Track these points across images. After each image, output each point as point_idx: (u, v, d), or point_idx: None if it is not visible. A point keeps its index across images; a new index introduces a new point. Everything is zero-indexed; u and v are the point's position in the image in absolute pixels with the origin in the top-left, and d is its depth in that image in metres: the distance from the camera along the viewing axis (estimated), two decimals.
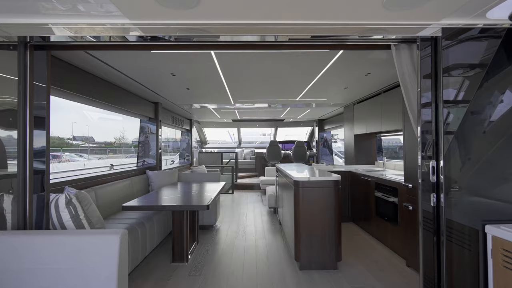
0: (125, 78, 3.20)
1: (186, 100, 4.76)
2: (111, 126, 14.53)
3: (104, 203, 3.01)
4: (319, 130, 8.19)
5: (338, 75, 3.23)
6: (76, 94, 2.80)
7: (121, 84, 3.52)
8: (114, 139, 20.33)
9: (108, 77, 3.18)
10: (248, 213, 5.21)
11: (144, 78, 3.21)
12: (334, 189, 2.69)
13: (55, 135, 13.54)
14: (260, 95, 4.45)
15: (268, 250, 3.24)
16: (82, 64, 2.75)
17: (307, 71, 3.03)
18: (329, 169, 4.49)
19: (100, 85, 3.23)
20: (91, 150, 22.36)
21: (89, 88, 2.99)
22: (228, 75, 3.20)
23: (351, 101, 4.95)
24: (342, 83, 3.62)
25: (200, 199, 2.73)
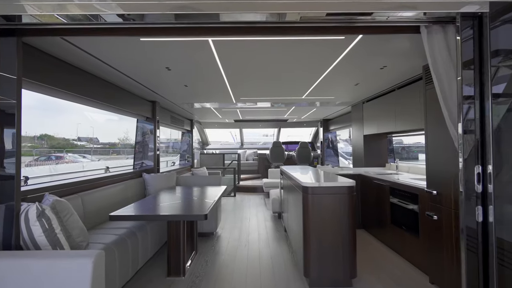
0: (116, 73, 2.93)
1: (185, 99, 4.48)
2: (116, 127, 14.33)
3: (93, 210, 2.73)
4: (324, 130, 7.88)
5: (350, 69, 2.94)
6: (62, 90, 2.53)
7: (115, 80, 3.25)
8: (118, 140, 20.11)
9: (99, 72, 2.91)
10: (251, 218, 4.92)
11: (137, 73, 2.93)
12: (348, 196, 2.39)
13: (60, 136, 13.44)
14: (263, 93, 4.16)
15: (273, 263, 2.94)
16: (68, 57, 2.49)
17: (316, 63, 2.74)
18: (336, 171, 4.19)
19: (91, 81, 2.97)
20: (95, 150, 22.21)
21: (78, 84, 2.72)
22: (228, 69, 2.92)
23: (360, 99, 4.64)
24: (353, 79, 3.33)
25: (198, 207, 2.44)
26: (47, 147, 25.73)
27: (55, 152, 22.34)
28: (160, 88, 3.68)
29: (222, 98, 4.46)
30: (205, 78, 3.27)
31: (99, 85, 3.07)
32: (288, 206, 3.59)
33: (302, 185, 2.45)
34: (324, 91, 4.00)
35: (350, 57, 2.54)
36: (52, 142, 27.62)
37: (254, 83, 3.54)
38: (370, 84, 3.58)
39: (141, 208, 2.43)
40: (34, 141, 28.08)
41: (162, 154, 13.29)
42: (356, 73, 3.09)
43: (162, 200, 2.82)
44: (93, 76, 3.01)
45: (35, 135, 27.72)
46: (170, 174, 4.11)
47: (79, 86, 2.76)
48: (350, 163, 8.15)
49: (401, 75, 3.13)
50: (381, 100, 4.12)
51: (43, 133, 29.28)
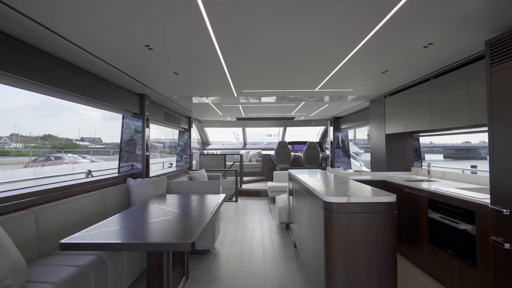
0: (87, 56, 2.33)
1: (178, 91, 3.88)
2: (118, 127, 13.90)
3: (51, 230, 2.13)
4: (335, 129, 7.23)
5: (383, 49, 2.30)
6: (22, 78, 1.96)
7: (89, 67, 2.66)
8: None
9: (66, 55, 2.32)
10: (254, 228, 4.30)
11: (112, 53, 2.33)
12: (388, 215, 1.77)
13: (63, 136, 12.98)
14: (269, 84, 3.54)
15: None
16: (32, 39, 1.91)
17: (341, 38, 2.11)
18: (352, 176, 3.55)
19: (62, 69, 2.38)
20: (96, 151, 21.73)
21: (42, 71, 2.14)
22: (226, 48, 2.31)
23: (382, 92, 4.00)
24: (383, 64, 2.68)
25: (184, 228, 1.83)
26: (49, 147, 25.40)
27: (56, 152, 21.96)
28: (146, 76, 3.07)
29: (222, 90, 3.85)
30: (198, 64, 2.66)
31: (69, 72, 2.48)
32: (299, 217, 2.98)
33: (324, 200, 1.83)
34: (342, 81, 3.36)
35: (390, 29, 1.91)
36: (54, 142, 27.36)
37: (258, 72, 2.92)
38: (403, 71, 2.92)
39: (110, 230, 1.83)
40: (37, 141, 27.58)
41: (158, 155, 12.60)
42: (389, 55, 2.45)
43: (141, 216, 2.22)
44: (68, 64, 2.43)
45: (38, 135, 27.01)
46: (159, 180, 3.51)
47: (44, 74, 2.17)
48: (363, 165, 7.51)
49: (450, 56, 2.44)
50: (410, 93, 3.47)
51: (46, 133, 28.57)
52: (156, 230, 1.82)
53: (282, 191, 6.05)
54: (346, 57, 2.51)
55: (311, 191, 2.21)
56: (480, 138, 41.44)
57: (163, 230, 1.82)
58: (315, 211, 2.08)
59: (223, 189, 6.67)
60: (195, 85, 3.54)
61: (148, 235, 1.73)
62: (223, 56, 2.46)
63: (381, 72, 2.93)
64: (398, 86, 3.55)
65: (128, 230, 1.81)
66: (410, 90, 3.47)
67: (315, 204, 2.08)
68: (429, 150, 21.71)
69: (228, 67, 2.76)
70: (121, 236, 1.71)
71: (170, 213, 2.27)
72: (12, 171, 10.03)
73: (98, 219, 2.54)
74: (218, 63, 2.64)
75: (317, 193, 2.01)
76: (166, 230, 1.82)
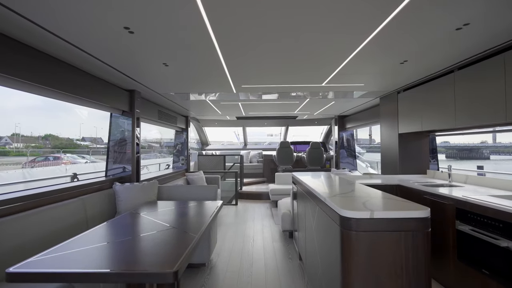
0: (62, 44, 2.00)
1: (172, 87, 3.54)
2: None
3: (12, 248, 1.79)
4: (340, 128, 6.88)
5: (404, 34, 1.96)
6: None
7: (69, 58, 2.33)
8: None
9: (42, 45, 1.99)
10: (255, 236, 3.96)
11: (88, 38, 1.99)
12: (421, 235, 1.42)
13: (64, 136, 12.79)
14: (271, 79, 3.20)
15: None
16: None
17: (355, 22, 1.77)
18: (363, 180, 3.21)
19: (35, 59, 2.05)
20: (98, 151, 21.46)
21: (20, 65, 1.81)
22: (223, 36, 1.97)
23: (396, 87, 3.65)
24: (402, 53, 2.33)
25: (170, 249, 1.50)
26: (50, 147, 25.16)
27: (57, 152, 21.66)
28: (133, 69, 2.74)
29: (219, 86, 3.51)
30: (191, 54, 2.32)
31: (44, 64, 2.15)
32: (304, 225, 2.64)
33: (340, 214, 1.48)
34: (353, 75, 3.02)
35: (415, 9, 1.56)
36: (55, 142, 27.11)
37: (260, 65, 2.59)
38: (425, 61, 2.54)
39: (77, 252, 1.50)
40: (38, 141, 27.32)
41: (159, 155, 12.21)
42: (410, 42, 2.10)
43: (121, 231, 1.88)
44: (33, 51, 2.09)
45: (39, 135, 26.70)
46: (150, 184, 3.17)
47: (20, 68, 1.85)
48: (369, 167, 7.15)
49: (488, 39, 2.07)
50: (429, 87, 3.12)
51: (47, 133, 28.37)
52: (135, 252, 1.48)
53: (285, 194, 5.71)
54: (359, 47, 2.16)
55: (322, 200, 1.87)
56: (482, 138, 40.14)
57: (143, 251, 1.48)
58: (327, 225, 1.74)
59: (222, 191, 6.33)
60: (189, 80, 3.20)
61: (122, 259, 1.39)
62: (219, 46, 2.12)
63: (399, 63, 2.58)
64: (416, 79, 3.18)
65: (99, 252, 1.48)
66: (429, 84, 3.12)
67: (327, 216, 1.74)
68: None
69: (225, 59, 2.42)
70: (89, 260, 1.37)
71: (156, 227, 1.93)
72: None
73: (76, 232, 2.20)
74: (214, 54, 2.30)
75: (329, 204, 1.67)
76: (147, 251, 1.48)
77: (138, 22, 1.73)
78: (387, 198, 1.77)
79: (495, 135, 20.73)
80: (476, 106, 2.45)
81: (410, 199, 2.78)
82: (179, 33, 1.89)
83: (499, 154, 27.24)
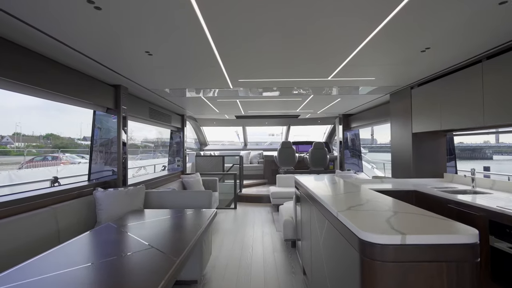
0: (23, 27, 1.67)
1: (161, 81, 3.21)
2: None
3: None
4: (344, 128, 6.53)
5: (429, 16, 1.62)
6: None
7: (36, 47, 2.00)
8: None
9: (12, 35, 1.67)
10: (254, 245, 3.63)
11: (48, 16, 1.66)
12: (469, 266, 1.08)
13: (65, 135, 12.52)
14: (271, 72, 2.86)
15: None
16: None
17: (368, 7, 1.43)
18: (373, 184, 2.87)
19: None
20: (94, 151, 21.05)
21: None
22: (214, 20, 1.63)
23: (408, 82, 3.30)
24: (426, 37, 1.98)
25: (141, 283, 1.17)
26: (51, 147, 24.84)
27: (59, 152, 21.34)
28: (114, 59, 2.40)
29: (214, 81, 3.17)
30: (177, 40, 1.98)
31: (12, 54, 1.82)
32: (310, 235, 2.30)
33: (359, 237, 1.14)
34: (363, 66, 2.67)
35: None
36: (56, 142, 26.79)
37: (259, 56, 2.25)
38: (451, 48, 2.17)
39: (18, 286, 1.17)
40: (39, 140, 27.09)
41: (159, 155, 11.78)
42: (438, 23, 1.75)
43: (88, 251, 1.55)
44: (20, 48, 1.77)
45: (40, 135, 26.54)
46: (136, 190, 2.84)
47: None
48: (375, 168, 6.80)
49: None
50: (449, 81, 2.77)
51: (48, 133, 28.07)
52: (92, 283, 1.14)
53: (286, 197, 5.37)
54: (373, 32, 1.82)
55: (332, 214, 1.53)
56: (484, 138, 39.59)
57: (102, 283, 1.15)
58: (340, 246, 1.40)
59: (221, 194, 6.00)
60: (179, 74, 2.86)
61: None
62: (211, 33, 1.78)
63: (419, 51, 2.22)
64: (437, 71, 2.79)
65: (51, 284, 1.14)
66: (449, 78, 2.77)
67: (340, 235, 1.40)
68: None
69: (217, 47, 2.08)
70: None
71: (131, 246, 1.60)
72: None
73: (43, 248, 1.87)
74: (205, 41, 1.97)
75: (343, 221, 1.33)
76: (108, 283, 1.15)
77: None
78: (419, 214, 1.42)
79: (498, 135, 20.10)
80: (510, 100, 2.10)
81: (431, 208, 2.43)
82: (158, 11, 1.56)
83: (502, 154, 26.68)
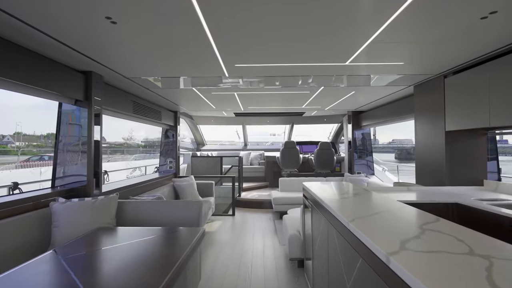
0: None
1: (142, 68, 2.64)
2: (121, 125, 13.89)
3: None
4: (354, 126, 5.95)
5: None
6: None
7: None
8: (122, 139, 18.49)
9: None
10: (254, 262, 3.07)
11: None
12: None
13: None
14: (274, 55, 2.30)
15: None
16: None
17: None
18: (398, 193, 2.30)
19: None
20: None
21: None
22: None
23: (442, 69, 2.72)
24: None
25: None
26: (51, 146, 24.43)
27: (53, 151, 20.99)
28: (67, 31, 1.84)
29: (205, 65, 2.60)
30: (146, 2, 1.42)
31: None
32: (327, 257, 1.73)
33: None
34: (393, 44, 2.09)
35: None
36: None
37: (260, 32, 1.68)
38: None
39: None
40: (40, 140, 26.64)
41: (144, 157, 11.09)
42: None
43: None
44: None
45: (41, 134, 26.23)
46: (105, 201, 2.27)
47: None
48: (386, 171, 6.22)
49: None
50: (502, 64, 2.19)
51: (49, 132, 27.81)
52: None
53: (290, 204, 4.80)
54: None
55: (377, 257, 0.96)
56: None
57: None
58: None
59: (218, 198, 5.44)
60: (158, 56, 2.29)
61: None
62: None
63: (479, 18, 1.64)
64: (496, 48, 2.16)
65: None
66: (501, 60, 2.19)
67: None
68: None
69: (207, 21, 1.52)
70: None
71: None
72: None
73: None
74: (188, 7, 1.40)
75: (406, 278, 0.76)
76: None
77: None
78: None
79: (502, 136, 19.25)
80: None
81: (483, 228, 1.85)
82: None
83: (505, 155, 25.89)
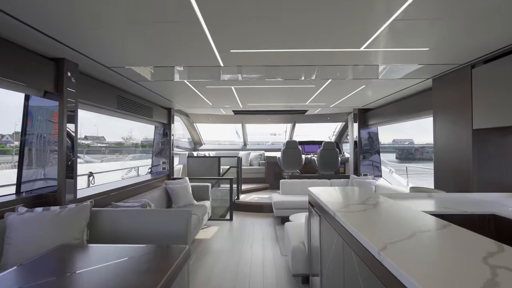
0: None
1: (122, 53, 2.28)
2: (121, 124, 13.74)
3: None
4: (360, 125, 5.58)
5: None
6: None
7: None
8: (122, 139, 18.19)
9: None
10: (252, 276, 2.71)
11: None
12: None
13: None
14: (277, 38, 1.94)
15: None
16: None
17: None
18: (420, 201, 1.93)
19: None
20: (98, 150, 20.58)
21: None
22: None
23: (471, 57, 2.35)
24: None
25: None
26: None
27: None
28: (27, 6, 1.48)
29: (195, 52, 2.24)
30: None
31: None
32: (342, 276, 1.37)
33: None
34: (422, 22, 1.73)
35: None
36: None
37: (260, 10, 1.33)
38: None
39: None
40: None
41: (137, 157, 10.67)
42: None
43: None
44: None
45: None
46: (76, 211, 1.91)
47: None
48: (393, 172, 5.85)
49: None
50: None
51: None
52: None
53: (293, 208, 4.44)
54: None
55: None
56: None
57: None
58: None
59: (215, 201, 5.08)
60: (138, 40, 1.93)
61: None
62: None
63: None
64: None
65: None
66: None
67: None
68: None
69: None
70: None
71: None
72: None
73: None
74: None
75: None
76: None
77: None
78: None
79: None
80: None
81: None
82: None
83: None
